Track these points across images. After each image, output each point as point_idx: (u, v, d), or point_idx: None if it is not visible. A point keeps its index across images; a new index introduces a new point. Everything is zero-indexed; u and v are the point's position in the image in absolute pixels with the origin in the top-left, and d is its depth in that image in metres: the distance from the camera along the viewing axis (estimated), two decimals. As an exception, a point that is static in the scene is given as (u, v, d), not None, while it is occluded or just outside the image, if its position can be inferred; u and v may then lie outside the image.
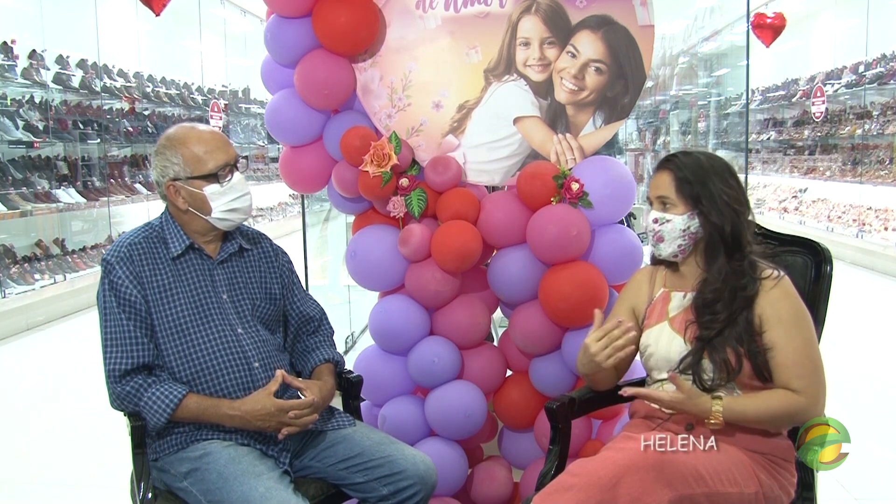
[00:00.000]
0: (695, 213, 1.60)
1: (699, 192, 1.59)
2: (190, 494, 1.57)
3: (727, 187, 1.59)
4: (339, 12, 1.99)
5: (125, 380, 1.59)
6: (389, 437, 1.76)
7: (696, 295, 1.60)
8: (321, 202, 4.03)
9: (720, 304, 1.54)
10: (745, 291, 1.54)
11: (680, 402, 1.49)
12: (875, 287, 6.43)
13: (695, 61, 7.35)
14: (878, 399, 3.57)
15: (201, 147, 1.67)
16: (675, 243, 1.62)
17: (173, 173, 1.67)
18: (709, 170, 1.60)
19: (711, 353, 1.53)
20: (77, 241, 6.44)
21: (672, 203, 1.61)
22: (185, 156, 1.66)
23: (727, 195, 1.58)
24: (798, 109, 9.64)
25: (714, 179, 1.59)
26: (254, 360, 1.69)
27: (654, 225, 1.63)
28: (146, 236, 1.70)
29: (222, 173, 1.69)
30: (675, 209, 1.61)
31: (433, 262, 2.07)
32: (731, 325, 1.53)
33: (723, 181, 1.60)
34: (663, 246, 1.64)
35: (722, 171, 1.61)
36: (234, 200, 1.70)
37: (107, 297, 1.63)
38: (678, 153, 1.66)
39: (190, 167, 1.67)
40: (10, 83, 5.68)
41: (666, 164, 1.65)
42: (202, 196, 1.67)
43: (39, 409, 3.69)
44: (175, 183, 1.67)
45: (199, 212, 1.69)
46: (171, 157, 1.67)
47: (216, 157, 1.68)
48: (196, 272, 1.70)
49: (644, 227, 1.72)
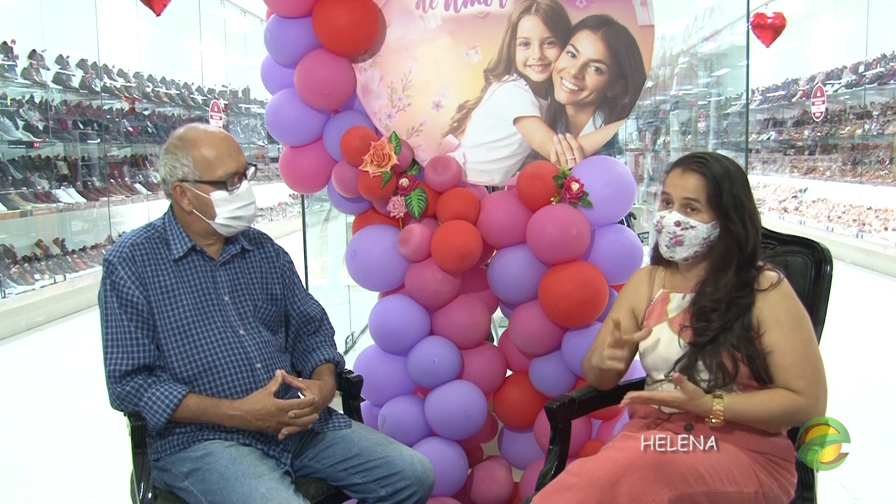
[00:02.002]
0: (718, 224, 1.56)
1: (728, 202, 1.54)
2: (191, 494, 1.57)
3: (749, 201, 1.56)
4: (340, 12, 1.99)
5: (125, 380, 1.59)
6: (387, 438, 1.76)
7: (696, 297, 1.60)
8: (321, 202, 4.03)
9: (716, 314, 1.53)
10: (743, 301, 1.53)
11: (681, 401, 1.48)
12: (875, 287, 6.43)
13: (695, 61, 7.34)
14: (878, 399, 3.57)
15: (213, 152, 1.66)
16: (693, 249, 1.59)
17: (182, 174, 1.66)
18: (736, 180, 1.55)
19: (706, 357, 1.53)
20: (77, 241, 6.44)
21: (699, 209, 1.56)
22: (195, 158, 1.65)
23: (751, 210, 1.56)
24: (798, 109, 9.64)
25: (739, 188, 1.55)
26: (256, 360, 1.69)
27: (675, 228, 1.58)
28: (148, 237, 1.69)
29: (231, 181, 1.68)
30: (701, 216, 1.56)
31: (433, 262, 2.07)
32: (726, 332, 1.52)
33: (746, 193, 1.56)
34: (680, 250, 1.59)
35: (744, 180, 1.58)
36: (239, 209, 1.69)
37: (108, 298, 1.62)
38: (703, 154, 1.59)
39: (199, 170, 1.66)
40: (10, 83, 5.68)
41: (694, 165, 1.57)
42: (208, 200, 1.67)
43: (39, 409, 3.69)
44: (182, 184, 1.67)
45: (202, 215, 1.68)
46: (182, 157, 1.66)
47: (226, 164, 1.67)
48: (198, 273, 1.70)
49: (654, 223, 1.66)
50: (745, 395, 1.52)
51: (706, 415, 1.48)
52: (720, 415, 1.47)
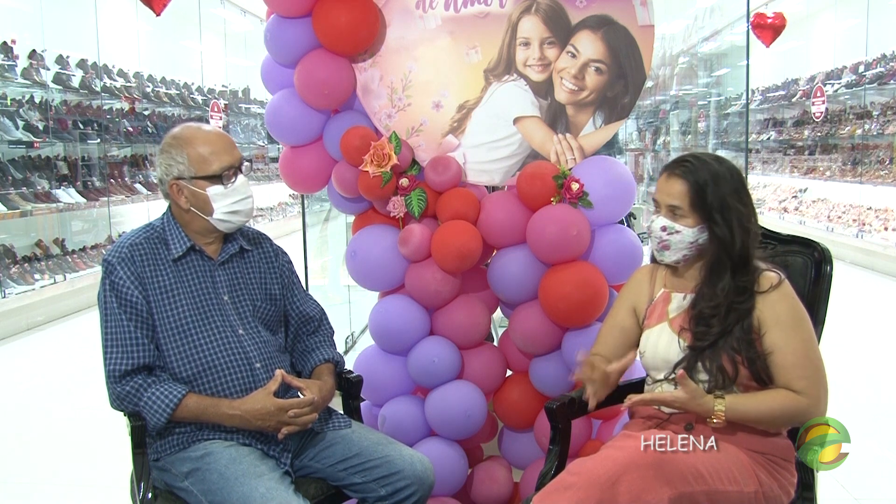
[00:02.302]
0: (705, 227, 1.56)
1: (712, 206, 1.54)
2: (191, 494, 1.57)
3: (740, 203, 1.55)
4: (340, 12, 1.99)
5: (125, 380, 1.59)
6: (387, 438, 1.76)
7: (695, 299, 1.59)
8: (321, 202, 4.03)
9: (715, 319, 1.53)
10: (743, 306, 1.53)
11: (683, 401, 1.48)
12: (875, 287, 6.43)
13: (695, 61, 7.34)
14: (877, 399, 3.57)
15: (207, 148, 1.68)
16: (681, 253, 1.60)
17: (177, 172, 1.67)
18: (722, 182, 1.54)
19: (706, 361, 1.53)
20: (77, 241, 6.44)
21: (683, 214, 1.57)
22: (190, 155, 1.67)
23: (739, 212, 1.54)
24: (798, 109, 9.64)
25: (728, 194, 1.54)
26: (255, 360, 1.69)
27: (661, 233, 1.59)
28: (147, 237, 1.70)
29: (226, 175, 1.69)
30: (685, 221, 1.57)
31: (433, 262, 2.07)
32: (726, 336, 1.52)
33: (736, 196, 1.55)
34: (668, 254, 1.61)
35: (735, 182, 1.56)
36: (236, 203, 1.70)
37: (107, 298, 1.62)
38: (690, 158, 1.59)
39: (195, 167, 1.67)
40: (10, 83, 5.68)
41: (678, 171, 1.58)
42: (205, 196, 1.67)
43: (39, 409, 3.69)
44: (178, 182, 1.68)
45: (200, 212, 1.69)
46: (177, 155, 1.67)
47: (221, 159, 1.68)
48: (197, 273, 1.70)
49: (645, 227, 1.70)
50: (746, 396, 1.52)
51: (708, 415, 1.48)
52: (722, 415, 1.47)
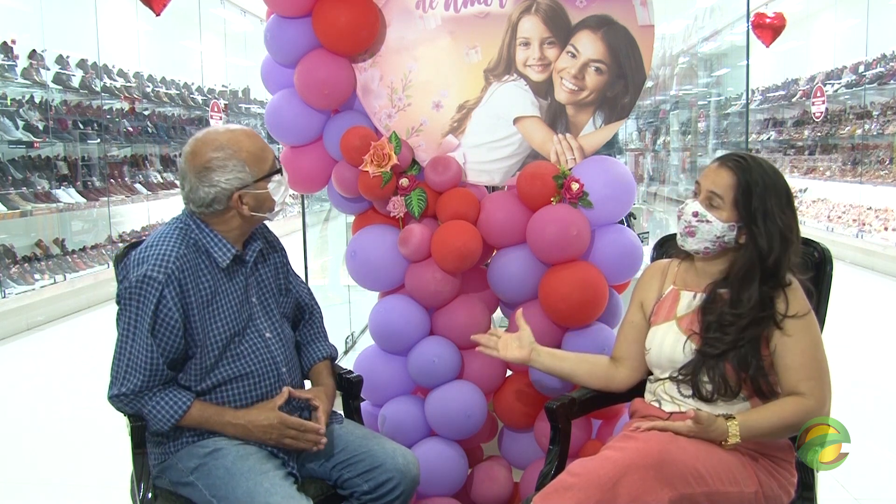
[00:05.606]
0: (737, 226, 1.54)
1: (756, 211, 1.52)
2: (196, 489, 1.57)
3: (783, 213, 1.52)
4: (340, 12, 1.99)
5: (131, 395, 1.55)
6: (372, 433, 1.76)
7: (706, 301, 1.58)
8: (321, 202, 4.03)
9: (733, 328, 1.51)
10: (764, 321, 1.51)
11: (696, 431, 1.48)
12: (875, 287, 6.43)
13: (695, 61, 7.35)
14: (878, 399, 3.57)
15: (254, 144, 1.61)
16: (704, 244, 1.57)
17: (239, 182, 1.58)
18: (772, 189, 1.52)
19: (710, 370, 1.53)
20: (77, 241, 6.44)
21: (721, 206, 1.54)
22: (248, 161, 1.58)
23: (783, 222, 1.52)
24: (798, 109, 9.64)
25: (775, 201, 1.52)
26: (282, 365, 1.68)
27: (691, 218, 1.56)
28: (187, 246, 1.58)
29: (274, 163, 1.65)
30: (720, 213, 1.54)
31: (433, 262, 2.07)
32: (735, 349, 1.51)
33: (781, 205, 1.52)
34: (691, 241, 1.58)
35: (783, 193, 1.53)
36: (286, 187, 1.68)
37: (140, 317, 1.51)
38: (748, 157, 1.55)
39: (255, 169, 1.60)
40: (10, 83, 5.68)
41: (731, 164, 1.54)
42: (266, 195, 1.62)
43: (39, 409, 3.69)
44: (241, 191, 1.59)
45: (258, 212, 1.62)
46: (236, 166, 1.57)
47: (266, 150, 1.63)
48: (233, 280, 1.65)
49: (678, 211, 1.61)
50: (756, 411, 1.51)
51: (722, 438, 1.47)
52: (737, 437, 1.46)
